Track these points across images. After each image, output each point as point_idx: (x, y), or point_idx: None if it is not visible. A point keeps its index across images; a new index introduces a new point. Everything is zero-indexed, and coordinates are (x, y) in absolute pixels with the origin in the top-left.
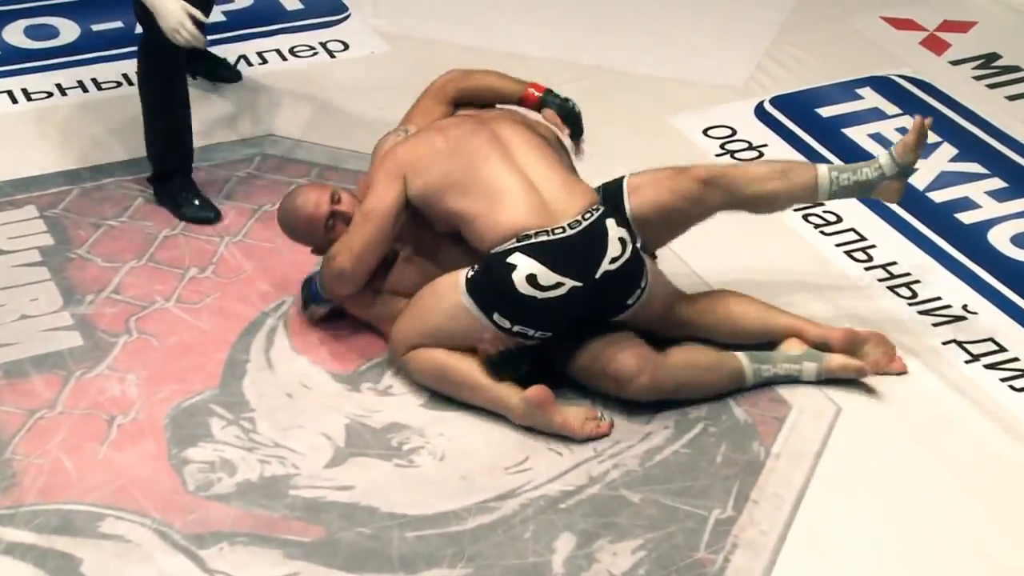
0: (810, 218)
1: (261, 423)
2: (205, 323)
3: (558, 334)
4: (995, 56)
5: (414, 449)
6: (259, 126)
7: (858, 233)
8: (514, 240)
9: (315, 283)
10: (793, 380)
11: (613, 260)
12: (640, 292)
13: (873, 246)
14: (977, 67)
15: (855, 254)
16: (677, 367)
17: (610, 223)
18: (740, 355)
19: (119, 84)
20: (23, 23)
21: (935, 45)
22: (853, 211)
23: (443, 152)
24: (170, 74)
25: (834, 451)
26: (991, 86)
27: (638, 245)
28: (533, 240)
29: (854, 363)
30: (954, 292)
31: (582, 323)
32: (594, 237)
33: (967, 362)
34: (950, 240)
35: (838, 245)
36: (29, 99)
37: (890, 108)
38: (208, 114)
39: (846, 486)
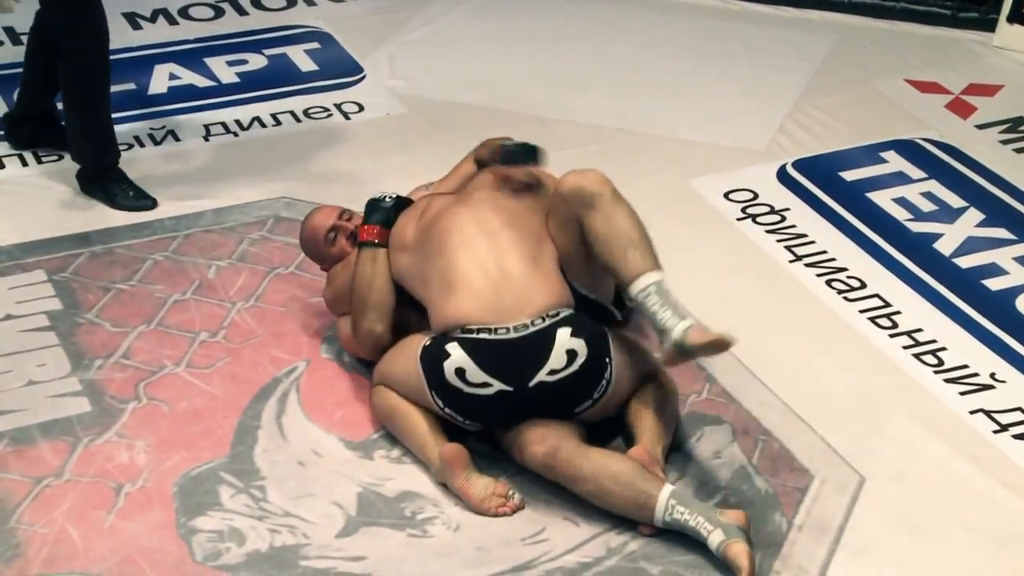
0: (833, 284)
1: (271, 491)
2: (215, 388)
3: (493, 426)
4: (1022, 120)
5: (428, 519)
6: (272, 188)
7: (883, 299)
8: (458, 330)
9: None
10: (697, 537)
11: (552, 372)
12: (591, 403)
13: (898, 312)
14: (1004, 131)
15: (879, 320)
16: (584, 457)
17: (561, 333)
18: (665, 488)
19: (130, 146)
20: None
21: (961, 108)
22: (877, 277)
23: (411, 244)
24: (95, 72)
25: (858, 523)
26: (1018, 150)
27: (599, 355)
28: (473, 336)
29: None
30: (981, 360)
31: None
32: (537, 345)
33: (995, 432)
34: (977, 307)
35: (862, 311)
36: (40, 162)
37: (915, 172)
38: (221, 176)
39: (871, 560)
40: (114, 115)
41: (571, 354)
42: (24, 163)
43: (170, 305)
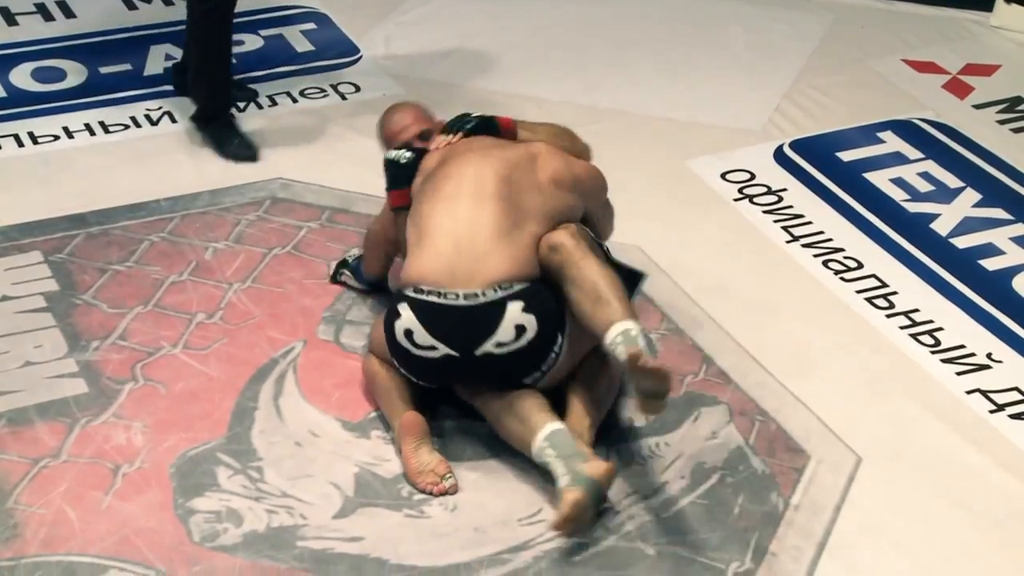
0: (830, 264)
1: (269, 472)
2: (213, 369)
3: (445, 386)
4: (1019, 100)
5: (425, 499)
6: (269, 169)
7: (879, 279)
8: (411, 289)
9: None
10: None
11: (500, 344)
12: (539, 374)
13: (895, 293)
14: (1001, 111)
15: (876, 301)
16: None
17: (512, 307)
18: (547, 428)
19: (126, 127)
20: (30, 66)
21: (958, 88)
22: (874, 257)
23: (427, 178)
24: (222, 17)
25: (854, 503)
26: (1015, 130)
27: (550, 330)
28: (423, 297)
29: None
30: (978, 340)
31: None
32: (485, 316)
33: (991, 412)
34: (973, 287)
35: (859, 292)
36: (36, 143)
37: (912, 152)
38: (217, 157)
39: (867, 539)
40: (110, 95)
41: (520, 329)
42: (20, 143)
43: (167, 286)
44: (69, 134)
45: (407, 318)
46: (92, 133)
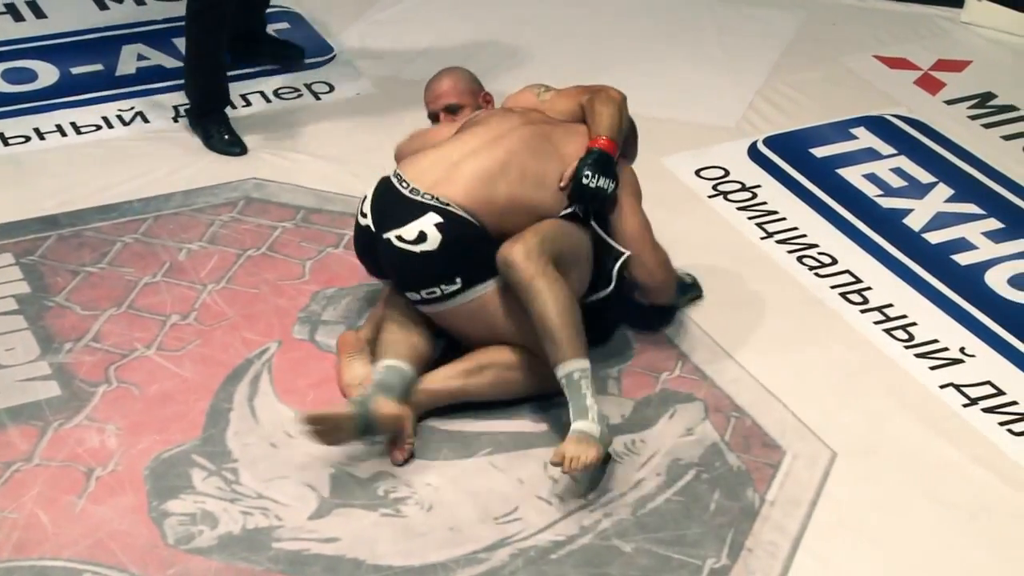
0: (804, 260)
1: (244, 474)
2: (187, 371)
3: (377, 275)
4: (990, 95)
5: (401, 499)
6: (242, 169)
7: (853, 275)
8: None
9: None
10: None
11: (399, 239)
12: (419, 298)
13: (868, 288)
14: (972, 107)
15: (850, 296)
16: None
17: (430, 216)
18: (389, 360)
19: (98, 128)
20: (0, 67)
21: (929, 84)
22: (848, 253)
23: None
24: (214, 17)
25: (829, 498)
26: (986, 126)
27: (449, 262)
28: (389, 176)
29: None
30: (951, 335)
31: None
32: (405, 209)
33: (965, 406)
34: (946, 282)
35: (833, 287)
36: (6, 144)
37: (884, 148)
38: (191, 158)
39: (843, 534)
40: (82, 96)
41: (421, 236)
42: None
43: (140, 288)
44: (40, 135)
45: (371, 191)
46: (64, 134)
